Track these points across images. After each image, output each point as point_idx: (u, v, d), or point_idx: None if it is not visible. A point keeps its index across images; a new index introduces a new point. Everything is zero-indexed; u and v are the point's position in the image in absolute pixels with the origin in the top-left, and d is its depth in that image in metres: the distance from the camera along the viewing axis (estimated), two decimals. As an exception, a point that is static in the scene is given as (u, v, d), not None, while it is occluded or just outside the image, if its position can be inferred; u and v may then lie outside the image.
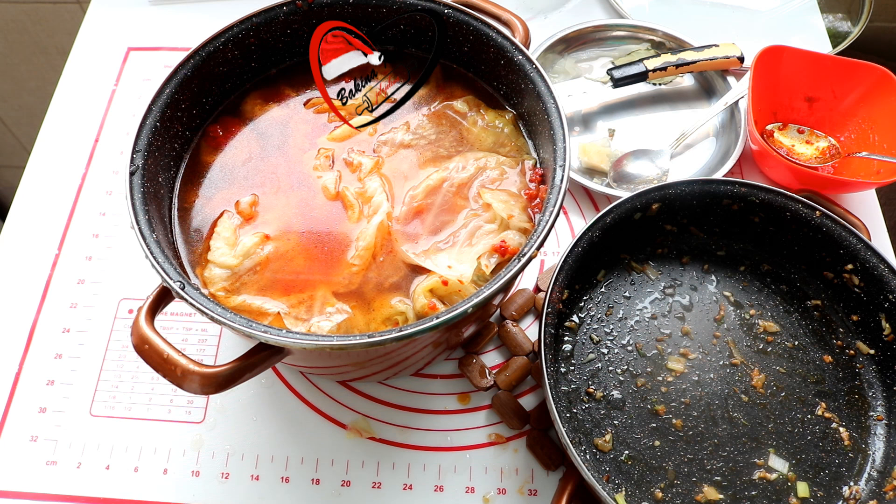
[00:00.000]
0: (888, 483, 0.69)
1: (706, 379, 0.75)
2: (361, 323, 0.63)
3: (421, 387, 0.79)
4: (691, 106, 1.02)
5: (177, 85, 0.67)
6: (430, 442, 0.76)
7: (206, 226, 0.68)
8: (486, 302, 0.55)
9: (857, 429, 0.72)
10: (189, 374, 0.52)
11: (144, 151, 0.62)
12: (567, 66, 1.04)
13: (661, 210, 0.80)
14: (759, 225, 0.81)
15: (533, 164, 0.72)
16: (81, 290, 0.86)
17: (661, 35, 1.06)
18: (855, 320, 0.78)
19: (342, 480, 0.74)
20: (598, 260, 0.80)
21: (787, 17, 1.12)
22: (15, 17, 1.44)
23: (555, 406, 0.65)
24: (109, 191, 0.94)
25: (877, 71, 0.91)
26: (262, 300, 0.63)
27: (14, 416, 0.78)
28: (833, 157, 0.94)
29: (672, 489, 0.69)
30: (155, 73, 1.05)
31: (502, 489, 0.74)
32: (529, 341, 0.80)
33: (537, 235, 0.58)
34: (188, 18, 1.11)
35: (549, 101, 0.66)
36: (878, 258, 0.74)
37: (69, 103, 1.02)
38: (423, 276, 0.65)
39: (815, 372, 0.75)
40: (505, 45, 0.70)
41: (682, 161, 0.96)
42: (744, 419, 0.72)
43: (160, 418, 0.78)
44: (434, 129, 0.74)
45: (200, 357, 0.81)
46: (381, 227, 0.66)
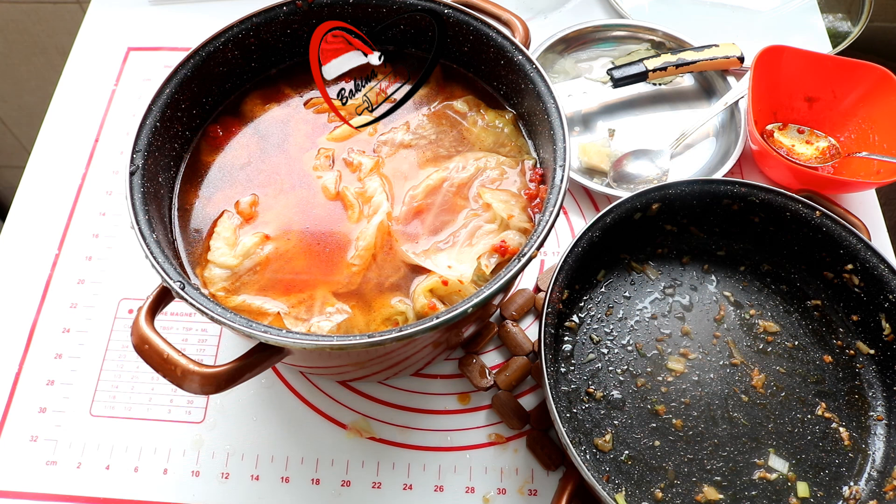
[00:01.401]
0: (888, 483, 0.69)
1: (706, 379, 0.75)
2: (361, 323, 0.63)
3: (421, 387, 0.79)
4: (691, 106, 1.02)
5: (177, 85, 0.67)
6: (430, 442, 0.76)
7: (206, 226, 0.68)
8: (486, 302, 0.55)
9: (857, 429, 0.72)
10: (189, 374, 0.52)
11: (144, 151, 0.62)
12: (567, 66, 1.04)
13: (661, 210, 0.80)
14: (759, 225, 0.81)
15: (533, 164, 0.72)
16: (81, 290, 0.86)
17: (661, 35, 1.06)
18: (855, 320, 0.78)
19: (342, 480, 0.74)
20: (598, 260, 0.80)
21: (787, 17, 1.12)
22: (15, 17, 1.44)
23: (555, 406, 0.65)
24: (109, 191, 0.94)
25: (877, 71, 0.91)
26: (262, 300, 0.63)
27: (14, 416, 0.78)
28: (833, 157, 0.94)
29: (672, 489, 0.69)
30: (155, 73, 1.05)
31: (502, 489, 0.74)
32: (529, 341, 0.80)
33: (537, 235, 0.58)
34: (188, 18, 1.11)
35: (549, 101, 0.66)
36: (878, 258, 0.74)
37: (69, 103, 1.02)
38: (423, 276, 0.65)
39: (815, 372, 0.75)
40: (505, 45, 0.70)
41: (682, 161, 0.96)
42: (744, 419, 0.72)
43: (160, 418, 0.78)
44: (434, 129, 0.74)
45: (200, 357, 0.81)
46: (381, 227, 0.66)
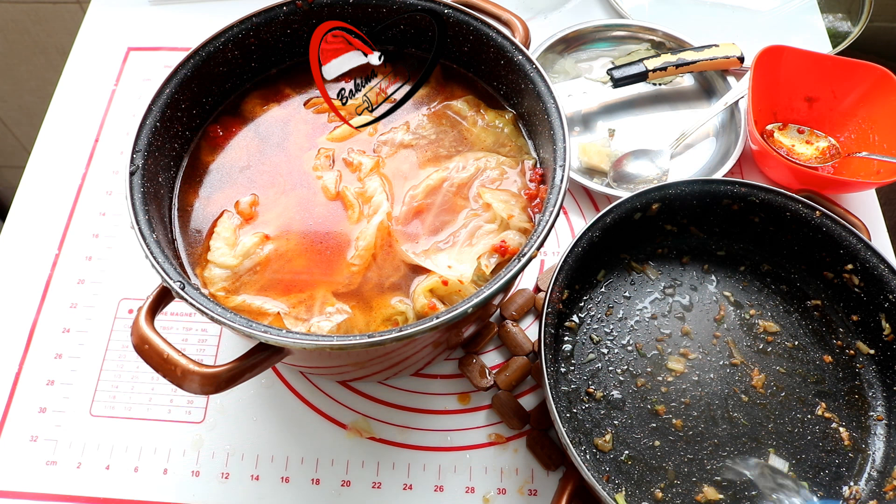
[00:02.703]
0: (888, 483, 0.69)
1: (706, 379, 0.75)
2: (361, 323, 0.63)
3: (421, 387, 0.79)
4: (691, 106, 1.02)
5: (177, 85, 0.67)
6: (430, 442, 0.76)
7: (205, 226, 0.68)
8: (486, 302, 0.55)
9: (857, 429, 0.72)
10: (189, 374, 0.52)
11: (144, 151, 0.62)
12: (567, 66, 1.04)
13: (661, 210, 0.80)
14: (759, 225, 0.81)
15: (533, 164, 0.72)
16: (81, 290, 0.86)
17: (661, 35, 1.06)
18: (855, 320, 0.78)
19: (342, 480, 0.74)
20: (598, 260, 0.80)
21: (787, 17, 1.12)
22: (15, 17, 1.44)
23: (555, 406, 0.65)
24: (109, 191, 0.94)
25: (877, 71, 0.91)
26: (262, 300, 0.63)
27: (14, 416, 0.78)
28: (833, 157, 0.94)
29: (672, 489, 0.69)
30: (155, 73, 1.05)
31: (502, 489, 0.74)
32: (529, 341, 0.80)
33: (537, 235, 0.58)
34: (188, 18, 1.11)
35: (549, 101, 0.66)
36: (878, 258, 0.74)
37: (69, 103, 1.02)
38: (423, 276, 0.65)
39: (815, 372, 0.75)
40: (505, 45, 0.70)
41: (682, 161, 0.96)
42: (744, 419, 0.72)
43: (160, 418, 0.78)
44: (434, 128, 0.74)
45: (200, 357, 0.81)
46: (381, 227, 0.66)
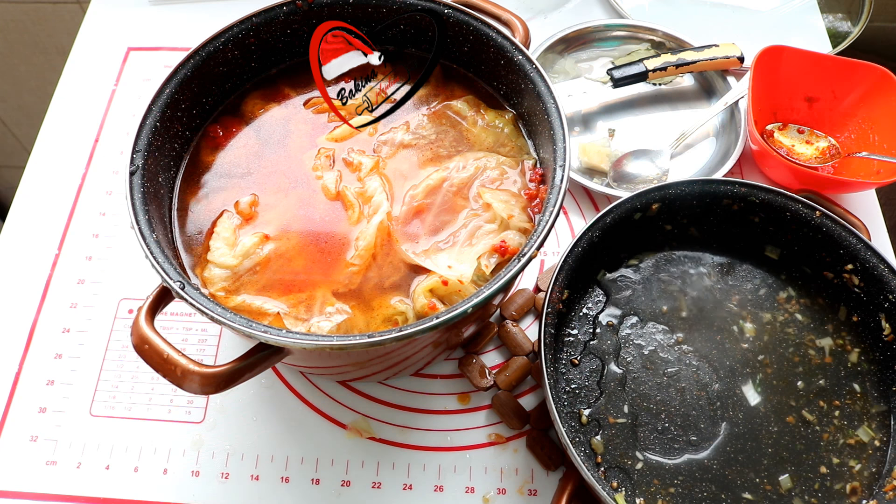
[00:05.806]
0: (888, 483, 0.69)
1: (706, 379, 0.75)
2: (361, 323, 0.63)
3: (421, 387, 0.79)
4: (691, 106, 1.02)
5: (177, 85, 0.67)
6: (430, 442, 0.76)
7: (205, 226, 0.68)
8: (486, 302, 0.55)
9: (856, 429, 0.72)
10: (189, 374, 0.52)
11: (144, 151, 0.62)
12: (567, 66, 1.04)
13: (661, 210, 0.80)
14: (759, 225, 0.81)
15: (533, 164, 0.72)
16: (81, 290, 0.86)
17: (661, 35, 1.06)
18: (855, 320, 0.78)
19: (342, 480, 0.74)
20: (598, 260, 0.80)
21: (787, 17, 1.12)
22: (15, 17, 1.44)
23: (555, 406, 0.65)
24: (109, 191, 0.94)
25: (877, 71, 0.91)
26: (261, 300, 0.63)
27: (14, 416, 0.78)
28: (833, 157, 0.94)
29: (672, 489, 0.69)
30: (155, 73, 1.05)
31: (502, 489, 0.74)
32: (529, 341, 0.80)
33: (537, 235, 0.58)
34: (188, 18, 1.11)
35: (549, 101, 0.66)
36: (878, 258, 0.74)
37: (69, 103, 1.02)
38: (423, 276, 0.65)
39: (816, 371, 0.75)
40: (505, 45, 0.70)
41: (682, 161, 0.96)
42: (744, 419, 0.72)
43: (160, 418, 0.78)
44: (434, 128, 0.74)
45: (200, 357, 0.81)
46: (380, 227, 0.66)
